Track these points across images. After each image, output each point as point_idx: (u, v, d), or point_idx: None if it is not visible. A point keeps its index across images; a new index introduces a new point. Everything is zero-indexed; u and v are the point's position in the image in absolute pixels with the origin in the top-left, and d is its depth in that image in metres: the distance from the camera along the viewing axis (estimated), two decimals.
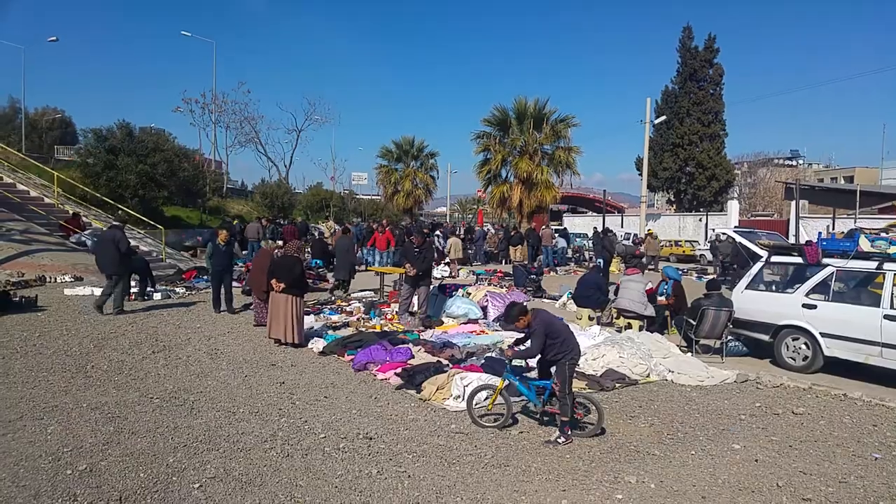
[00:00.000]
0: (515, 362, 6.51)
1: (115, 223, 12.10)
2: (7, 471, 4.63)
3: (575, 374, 7.48)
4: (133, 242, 19.94)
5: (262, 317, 10.06)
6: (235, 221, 22.84)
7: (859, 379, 7.97)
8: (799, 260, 8.93)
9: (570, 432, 5.57)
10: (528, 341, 5.92)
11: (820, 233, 11.05)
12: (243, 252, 20.50)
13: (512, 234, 27.16)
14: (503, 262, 25.23)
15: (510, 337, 9.75)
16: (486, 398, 6.19)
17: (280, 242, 11.15)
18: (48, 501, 4.16)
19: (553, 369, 5.86)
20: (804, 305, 8.46)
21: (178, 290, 14.31)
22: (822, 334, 8.20)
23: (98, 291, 13.33)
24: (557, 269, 23.64)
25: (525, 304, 6.16)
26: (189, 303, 12.83)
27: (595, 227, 30.65)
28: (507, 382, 6.03)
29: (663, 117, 39.98)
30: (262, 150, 48.04)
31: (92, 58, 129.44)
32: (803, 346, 8.44)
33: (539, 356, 5.88)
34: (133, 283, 13.09)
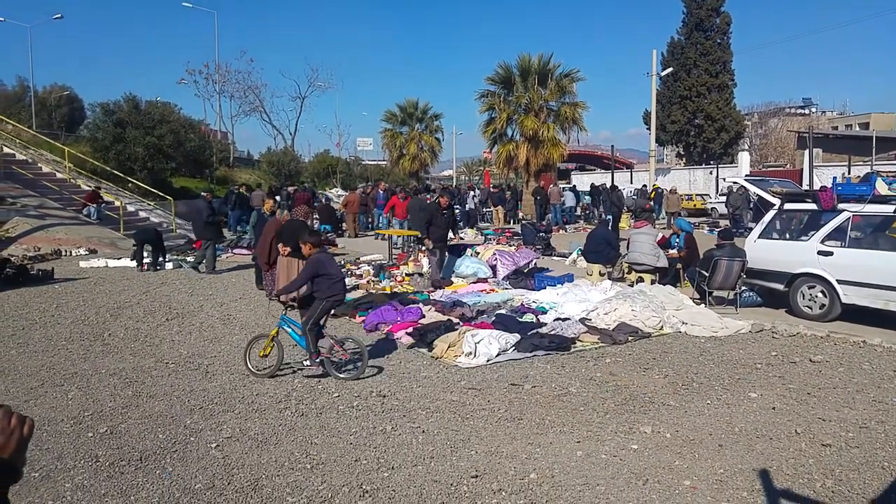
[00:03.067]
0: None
1: (202, 194, 13.30)
2: None
3: (587, 329, 7.50)
4: (143, 213, 20.09)
5: (268, 289, 10.00)
6: (242, 188, 22.74)
7: (879, 326, 7.86)
8: (813, 206, 8.76)
9: (318, 359, 5.93)
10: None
11: (835, 177, 10.83)
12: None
13: (492, 192, 26.83)
14: (511, 221, 25.11)
15: (520, 294, 9.75)
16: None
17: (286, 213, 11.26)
18: (71, 463, 4.23)
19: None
20: (819, 252, 8.32)
21: (188, 259, 14.35)
22: (839, 281, 8.07)
23: (112, 263, 13.53)
24: (567, 227, 23.50)
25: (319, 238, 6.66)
26: (200, 271, 12.89)
27: (592, 183, 30.39)
28: (279, 329, 6.19)
29: (670, 69, 39.08)
30: (267, 118, 47.60)
31: (95, 33, 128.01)
32: (820, 294, 8.33)
33: (306, 292, 6.08)
34: (146, 254, 13.17)
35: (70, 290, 10.65)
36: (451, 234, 11.43)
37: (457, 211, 19.73)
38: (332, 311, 6.36)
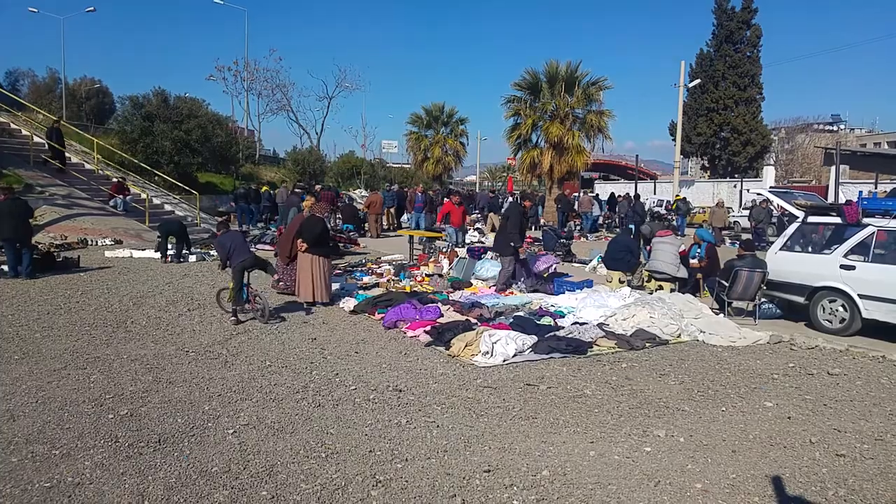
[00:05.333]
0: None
1: (296, 190, 13.78)
2: (53, 414, 4.85)
3: (604, 334, 7.48)
4: (169, 207, 20.45)
5: (284, 283, 10.06)
6: (264, 188, 23.04)
7: None
8: (837, 220, 8.65)
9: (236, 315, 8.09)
10: None
11: (860, 192, 10.68)
12: (275, 217, 20.85)
13: (489, 198, 26.68)
14: (532, 227, 25.03)
15: (538, 298, 9.76)
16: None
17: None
18: (91, 442, 4.35)
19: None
20: (842, 266, 8.22)
21: (212, 252, 14.56)
22: (861, 296, 7.96)
23: (136, 253, 13.78)
24: (588, 235, 23.36)
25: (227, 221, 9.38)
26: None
27: (612, 192, 30.25)
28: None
29: (697, 81, 38.75)
30: (294, 117, 48.03)
31: (127, 27, 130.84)
32: (840, 309, 8.22)
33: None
34: (170, 246, 13.42)
35: (95, 279, 10.89)
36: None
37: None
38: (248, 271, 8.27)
